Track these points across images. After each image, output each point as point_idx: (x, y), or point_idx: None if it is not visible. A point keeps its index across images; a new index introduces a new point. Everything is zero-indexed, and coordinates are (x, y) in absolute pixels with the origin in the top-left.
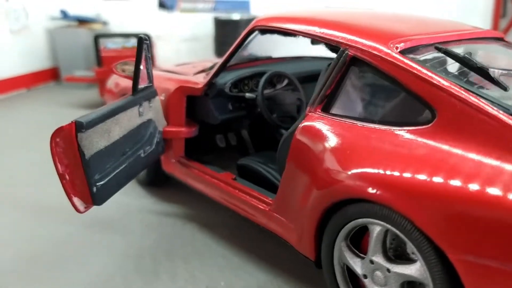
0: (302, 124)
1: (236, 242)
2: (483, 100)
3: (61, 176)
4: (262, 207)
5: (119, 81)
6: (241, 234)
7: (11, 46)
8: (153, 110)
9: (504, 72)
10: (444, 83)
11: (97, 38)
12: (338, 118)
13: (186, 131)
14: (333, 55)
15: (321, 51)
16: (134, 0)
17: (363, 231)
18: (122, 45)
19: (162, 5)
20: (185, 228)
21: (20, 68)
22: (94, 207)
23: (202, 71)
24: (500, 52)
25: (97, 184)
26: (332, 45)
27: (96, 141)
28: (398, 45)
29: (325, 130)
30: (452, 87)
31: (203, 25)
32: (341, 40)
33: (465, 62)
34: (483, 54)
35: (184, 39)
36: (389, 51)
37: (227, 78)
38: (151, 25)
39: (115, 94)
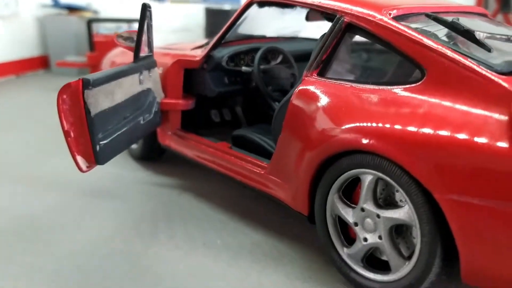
0: (298, 89)
1: (231, 209)
2: (469, 59)
3: (66, 134)
4: (257, 171)
5: (116, 59)
6: (236, 202)
7: None
8: (152, 80)
9: (488, 35)
10: (433, 44)
11: (90, 23)
12: (333, 81)
13: (183, 104)
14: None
15: (314, 32)
16: None
17: (354, 184)
18: (115, 31)
19: None
20: (182, 197)
21: (9, 54)
22: (90, 178)
23: (199, 46)
24: (484, 23)
25: (101, 143)
26: (329, 14)
27: (101, 100)
28: (391, 12)
29: (320, 92)
30: (440, 48)
31: (194, 15)
32: (337, 8)
33: (453, 26)
34: (469, 22)
35: (175, 29)
36: (382, 17)
37: (224, 53)
38: None
39: None
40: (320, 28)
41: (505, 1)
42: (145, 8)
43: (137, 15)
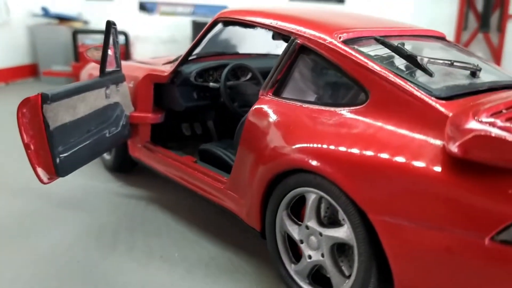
0: (254, 107)
1: (194, 222)
2: (408, 83)
3: (26, 146)
4: (217, 186)
5: (93, 72)
6: (200, 215)
7: None
8: (120, 94)
9: (432, 60)
10: (376, 68)
11: (75, 34)
12: (286, 101)
13: (152, 117)
14: None
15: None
16: (116, 2)
17: (303, 202)
18: (100, 42)
19: (142, 8)
20: (148, 209)
21: (0, 62)
22: (62, 188)
23: (170, 62)
24: (437, 47)
25: (61, 155)
26: (285, 35)
27: (61, 115)
28: (341, 35)
29: (272, 111)
30: (383, 71)
31: (181, 27)
32: (291, 30)
33: (398, 50)
34: (419, 46)
35: (163, 40)
36: (332, 40)
37: (192, 68)
38: (132, 26)
39: None
40: None
41: (484, 21)
42: (110, 26)
43: (124, 26)
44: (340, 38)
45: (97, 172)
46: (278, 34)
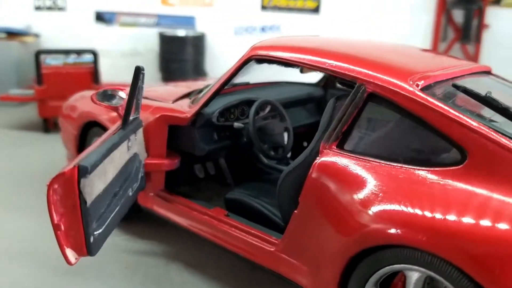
0: (319, 161)
1: (228, 281)
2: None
3: (56, 227)
4: (266, 247)
5: (77, 104)
6: (234, 273)
7: None
8: (137, 143)
9: None
10: (473, 123)
11: (38, 54)
12: (358, 156)
13: (168, 163)
14: (310, 79)
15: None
16: (69, 12)
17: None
18: (64, 61)
19: (99, 18)
20: (170, 269)
21: None
22: None
23: (181, 97)
24: (496, 86)
25: (95, 233)
26: (346, 80)
27: (96, 185)
28: (418, 83)
29: (347, 169)
30: (482, 127)
31: (145, 39)
32: (357, 75)
33: (489, 102)
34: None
35: (124, 54)
36: (411, 88)
37: (213, 107)
38: (88, 39)
39: (75, 120)
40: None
41: (465, 32)
42: (139, 71)
43: (83, 42)
44: (417, 85)
45: None
46: (336, 78)
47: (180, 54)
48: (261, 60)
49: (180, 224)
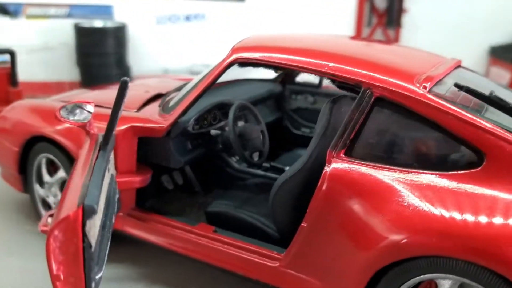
0: (330, 171)
1: None
2: None
3: (55, 278)
4: (268, 263)
5: (15, 116)
6: None
7: None
8: (111, 161)
9: None
10: (488, 125)
11: None
12: (370, 163)
13: (140, 180)
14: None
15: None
16: None
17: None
18: None
19: (3, 11)
20: None
21: None
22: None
23: (144, 103)
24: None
25: (96, 277)
26: (348, 84)
27: (97, 224)
28: (425, 84)
29: (364, 178)
30: (497, 129)
31: (57, 32)
32: (363, 79)
33: (495, 102)
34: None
35: (33, 49)
36: (421, 91)
37: (189, 115)
38: None
39: (13, 134)
40: None
41: (389, 17)
42: (125, 85)
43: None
44: (425, 88)
45: None
46: (335, 81)
47: (99, 47)
48: (245, 63)
49: (160, 244)
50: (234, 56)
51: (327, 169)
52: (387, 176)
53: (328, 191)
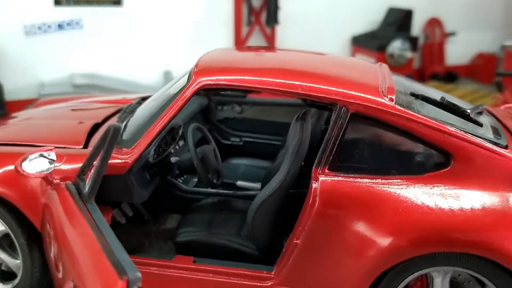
0: (319, 188)
1: None
2: (483, 140)
3: None
4: (260, 284)
5: None
6: None
7: None
8: None
9: (470, 110)
10: (451, 129)
11: None
12: (355, 175)
13: None
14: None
15: None
16: None
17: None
18: None
19: None
20: None
21: None
22: None
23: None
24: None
25: None
26: (323, 103)
27: None
28: (391, 96)
29: (354, 191)
30: (458, 131)
31: None
32: (338, 97)
33: (448, 107)
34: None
35: None
36: (391, 103)
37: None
38: None
39: None
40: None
41: (268, 15)
42: (117, 132)
43: None
44: (392, 100)
45: None
46: (305, 100)
47: None
48: (211, 89)
49: None
50: (199, 82)
51: (315, 185)
52: (373, 185)
53: (321, 206)
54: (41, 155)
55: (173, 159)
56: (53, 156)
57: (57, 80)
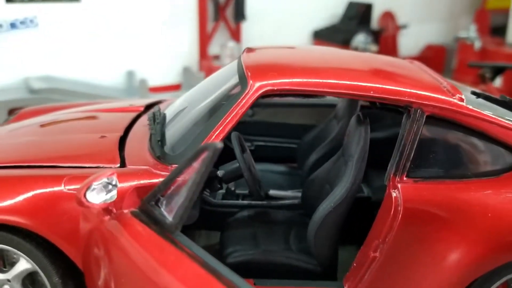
0: (401, 197)
1: None
2: None
3: None
4: None
5: None
6: None
7: None
8: None
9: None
10: None
11: None
12: (435, 181)
13: None
14: None
15: None
16: None
17: None
18: None
19: None
20: None
21: None
22: None
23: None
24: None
25: None
26: (396, 105)
27: None
28: (460, 96)
29: (439, 197)
30: None
31: None
32: (412, 99)
33: (509, 105)
34: None
35: None
36: (463, 103)
37: None
38: None
39: None
40: None
41: (236, 11)
42: (217, 153)
43: None
44: (463, 100)
45: None
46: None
47: None
48: (271, 95)
49: None
50: (259, 87)
51: (395, 194)
52: (455, 189)
53: (405, 216)
54: (106, 182)
55: (220, 173)
56: (115, 181)
57: (10, 84)
